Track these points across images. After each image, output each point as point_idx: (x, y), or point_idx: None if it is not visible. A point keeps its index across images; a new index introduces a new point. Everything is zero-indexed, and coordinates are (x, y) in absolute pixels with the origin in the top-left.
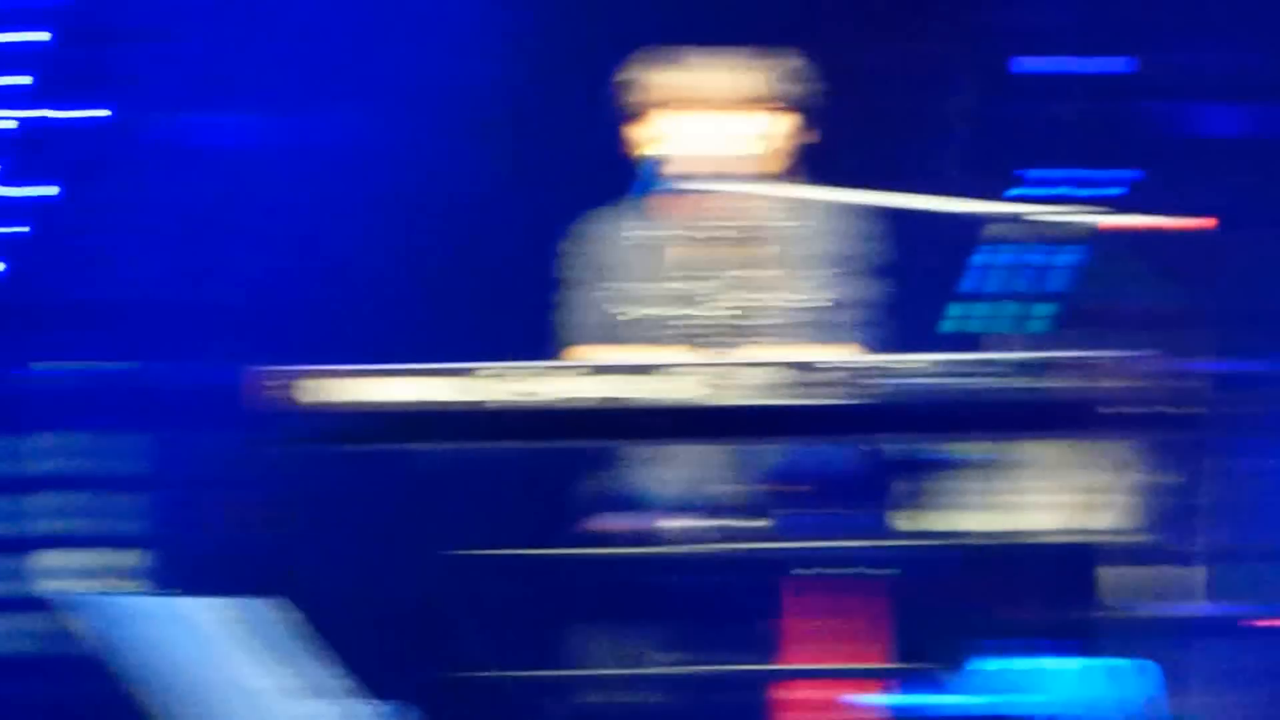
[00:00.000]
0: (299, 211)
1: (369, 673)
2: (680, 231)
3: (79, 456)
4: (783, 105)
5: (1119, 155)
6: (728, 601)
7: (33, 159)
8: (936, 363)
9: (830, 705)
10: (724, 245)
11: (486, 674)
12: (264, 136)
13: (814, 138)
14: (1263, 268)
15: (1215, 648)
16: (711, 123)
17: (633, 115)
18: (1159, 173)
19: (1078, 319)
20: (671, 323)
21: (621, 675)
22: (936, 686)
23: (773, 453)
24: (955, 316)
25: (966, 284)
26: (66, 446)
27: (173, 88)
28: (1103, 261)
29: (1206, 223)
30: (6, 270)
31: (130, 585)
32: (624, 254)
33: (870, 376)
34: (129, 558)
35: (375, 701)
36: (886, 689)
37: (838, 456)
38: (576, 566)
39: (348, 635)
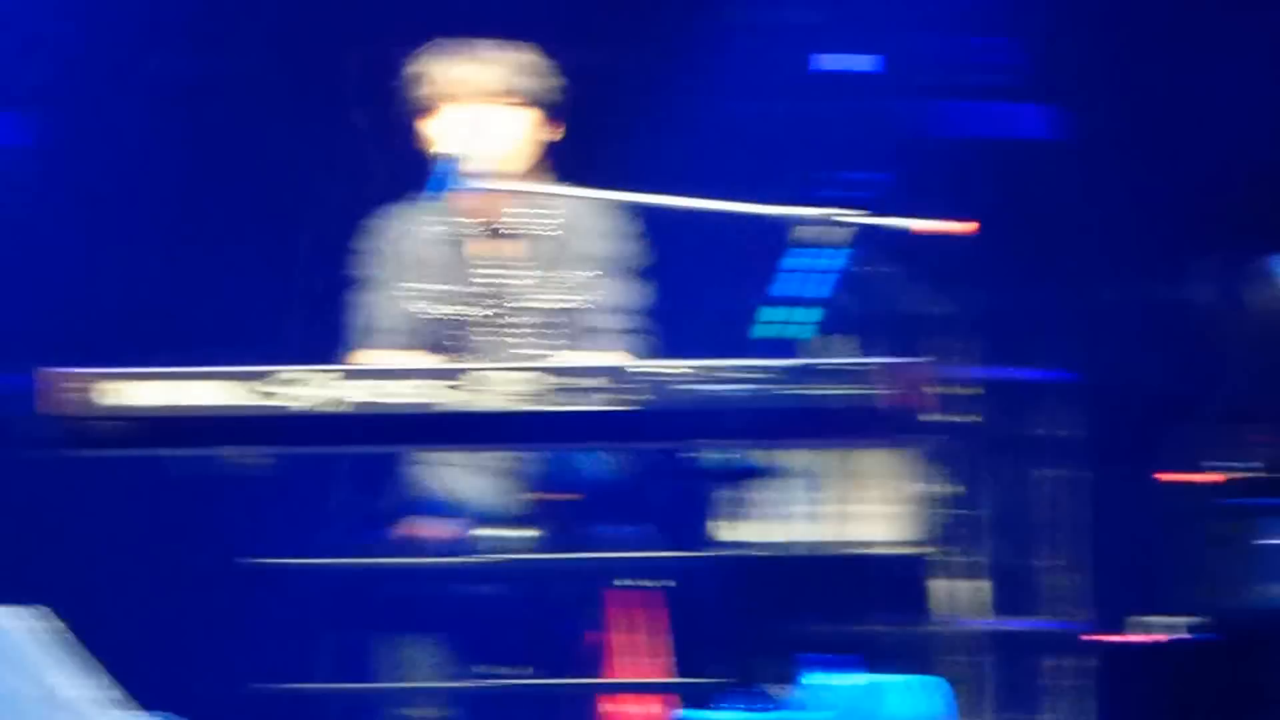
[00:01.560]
0: (82, 210)
1: (149, 683)
2: (467, 230)
3: None
4: (552, 102)
5: (876, 156)
6: (534, 612)
7: None
8: (701, 369)
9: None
10: (508, 244)
11: (284, 685)
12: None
13: (560, 135)
14: (1026, 273)
15: (1005, 663)
16: (490, 118)
17: (421, 110)
18: (916, 174)
19: (846, 324)
20: (460, 324)
21: (425, 688)
22: (734, 702)
23: (564, 459)
24: (765, 321)
25: (772, 288)
26: None
27: None
28: (868, 266)
29: (968, 227)
30: None
31: None
32: (415, 252)
33: (636, 382)
34: None
35: (150, 713)
36: (682, 704)
37: (615, 464)
38: (376, 576)
39: (126, 645)
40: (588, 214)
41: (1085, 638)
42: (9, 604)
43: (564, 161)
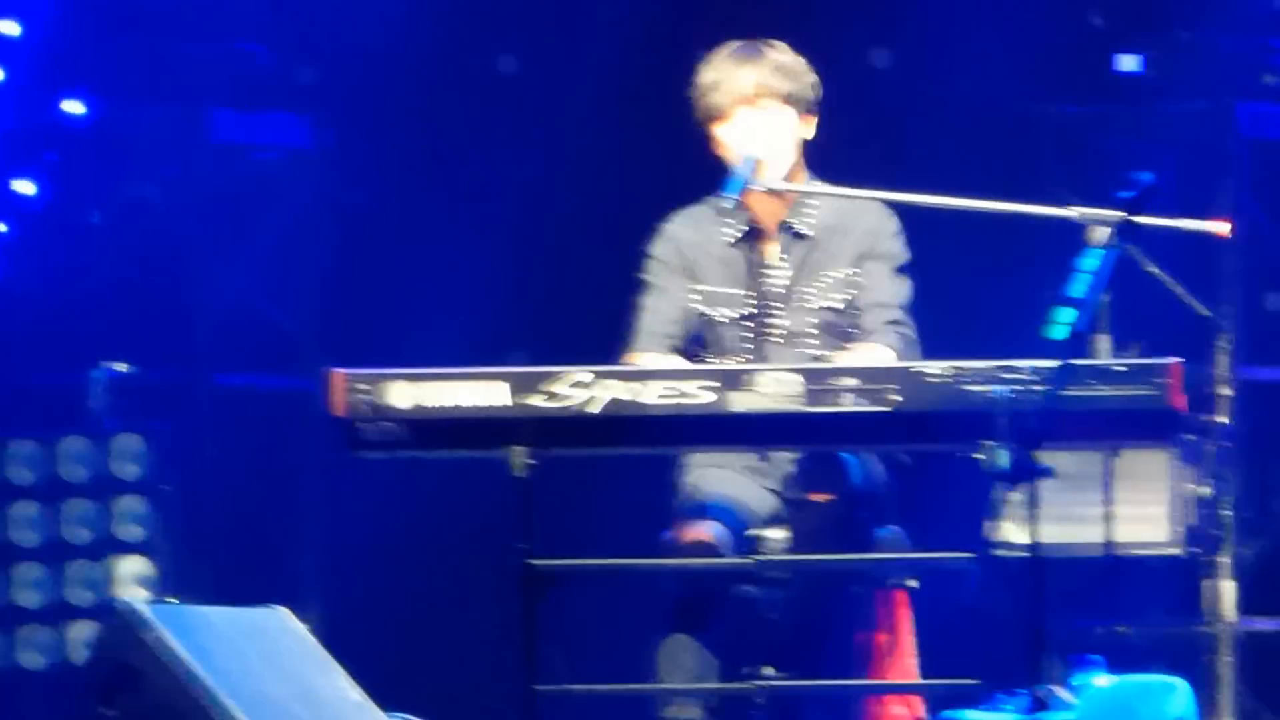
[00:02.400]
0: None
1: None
2: (751, 232)
3: None
4: (815, 100)
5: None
6: (805, 614)
7: None
8: (971, 370)
9: None
10: (787, 245)
11: (564, 688)
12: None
13: (813, 133)
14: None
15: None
16: (773, 119)
17: (711, 115)
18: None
19: (1114, 325)
20: (740, 325)
21: (696, 689)
22: (999, 702)
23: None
24: (1054, 322)
25: (1068, 289)
26: None
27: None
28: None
29: (1224, 227)
30: None
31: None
32: (700, 255)
33: (906, 382)
34: None
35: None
36: (947, 704)
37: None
38: (655, 578)
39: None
40: (860, 213)
41: None
42: (281, 605)
43: (826, 160)
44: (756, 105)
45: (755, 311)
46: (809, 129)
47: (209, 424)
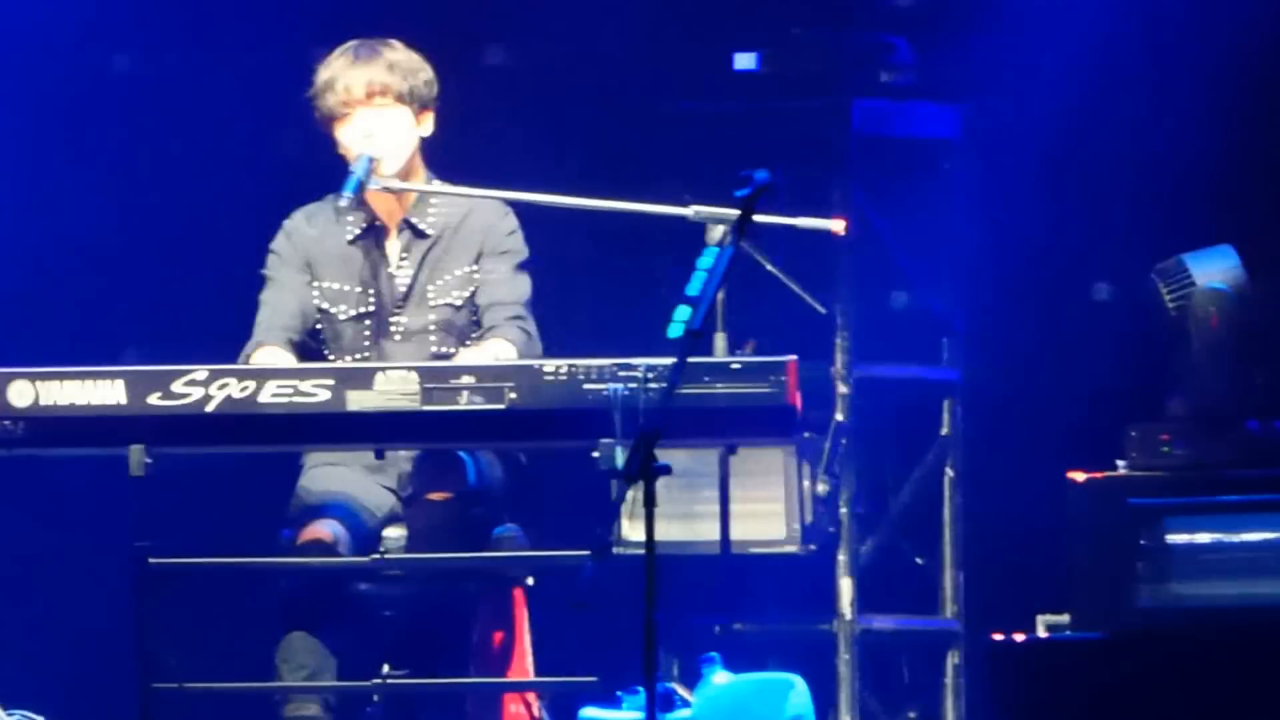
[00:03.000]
0: None
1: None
2: (368, 229)
3: None
4: (431, 99)
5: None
6: (423, 612)
7: None
8: (588, 367)
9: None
10: (405, 242)
11: (181, 685)
12: None
13: (431, 132)
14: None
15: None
16: (389, 118)
17: (329, 115)
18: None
19: (730, 322)
20: (374, 321)
21: (314, 687)
22: (626, 701)
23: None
24: (677, 320)
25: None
26: None
27: None
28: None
29: (839, 224)
30: None
31: None
32: (318, 251)
33: (524, 380)
34: None
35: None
36: (585, 702)
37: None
38: (273, 576)
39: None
40: (478, 211)
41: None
42: None
43: (446, 159)
44: (372, 105)
45: (374, 309)
46: (426, 127)
47: None
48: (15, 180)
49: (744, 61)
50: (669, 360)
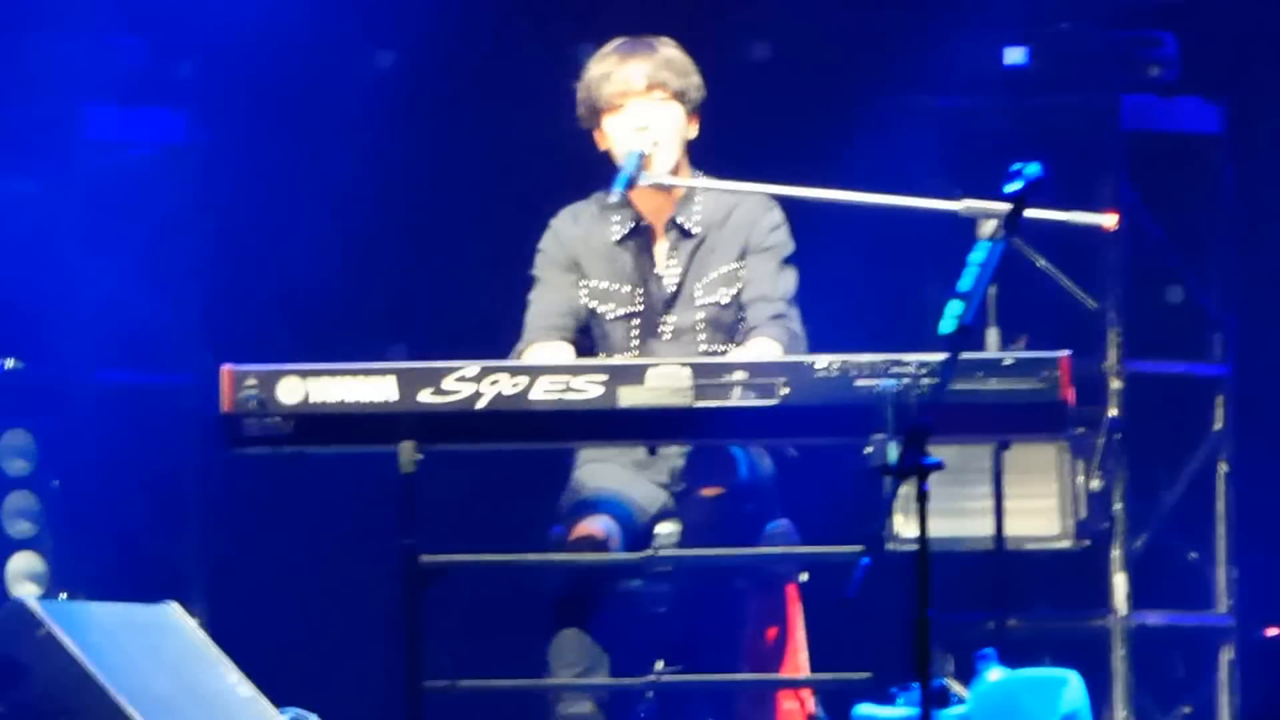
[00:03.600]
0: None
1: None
2: (637, 227)
3: None
4: (699, 97)
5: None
6: (695, 609)
7: None
8: (869, 364)
9: (810, 716)
10: (674, 240)
11: (459, 683)
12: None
13: (696, 131)
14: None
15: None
16: (658, 115)
17: (601, 107)
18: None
19: (1001, 318)
20: (642, 320)
21: (595, 685)
22: (901, 698)
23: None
24: (948, 315)
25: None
26: None
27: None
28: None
29: (1112, 220)
30: None
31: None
32: (596, 251)
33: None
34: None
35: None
36: (858, 699)
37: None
38: (544, 573)
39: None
40: (743, 207)
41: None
42: (170, 600)
43: (710, 156)
44: (649, 97)
45: (642, 309)
46: (693, 128)
47: (94, 420)
48: (289, 178)
49: (1014, 56)
50: (941, 356)
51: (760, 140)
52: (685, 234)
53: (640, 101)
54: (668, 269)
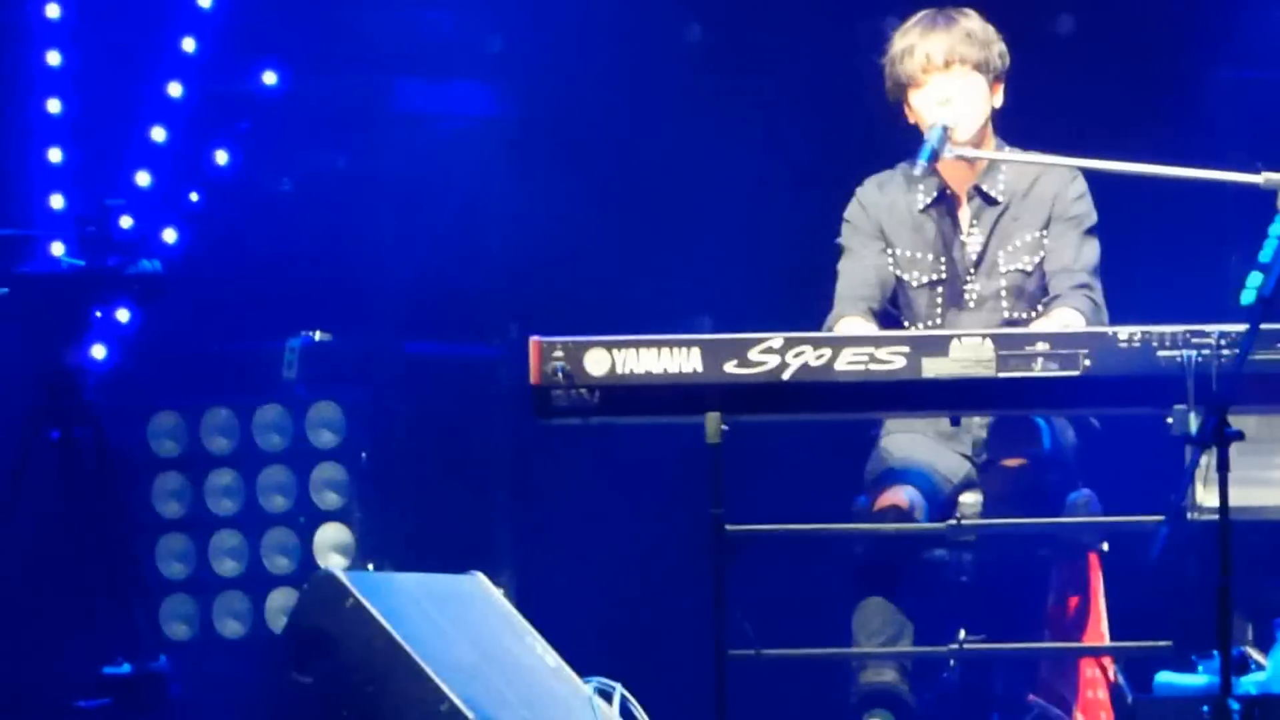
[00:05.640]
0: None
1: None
2: (944, 197)
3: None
4: (1004, 68)
5: None
6: (998, 578)
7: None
8: (1179, 333)
9: (1111, 684)
10: (980, 210)
11: (762, 652)
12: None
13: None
14: None
15: None
16: (966, 87)
17: (904, 81)
18: None
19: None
20: (947, 288)
21: (899, 653)
22: (1202, 666)
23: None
24: (1250, 287)
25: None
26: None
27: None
28: None
29: None
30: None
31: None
32: (902, 220)
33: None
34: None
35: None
36: (1159, 667)
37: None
38: (849, 542)
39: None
40: (1047, 176)
41: None
42: (477, 570)
43: (1013, 126)
44: (949, 72)
45: (946, 276)
46: (998, 97)
47: (402, 392)
48: (595, 150)
49: None
50: (1242, 326)
51: (1068, 112)
52: (989, 201)
53: (941, 76)
54: (971, 236)
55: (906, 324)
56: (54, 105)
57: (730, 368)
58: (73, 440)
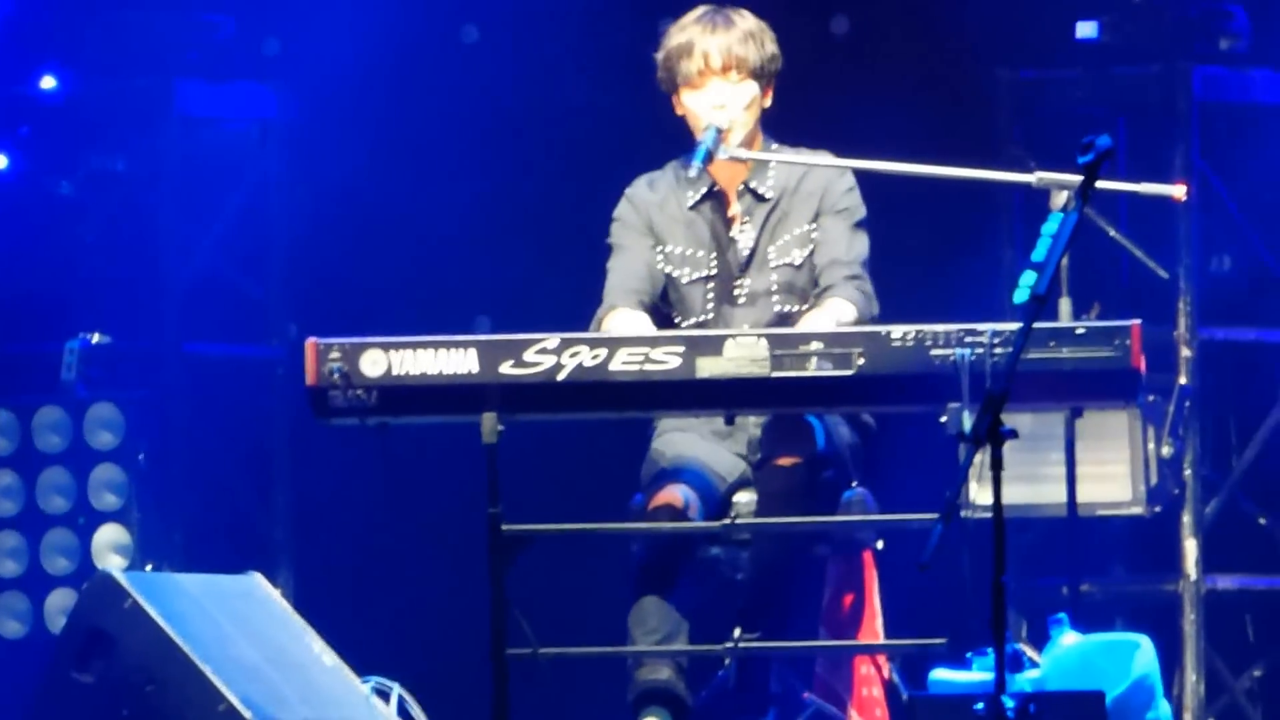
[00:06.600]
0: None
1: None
2: (713, 196)
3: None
4: (775, 70)
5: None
6: (773, 576)
7: None
8: (933, 333)
9: (886, 682)
10: (748, 208)
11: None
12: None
13: (769, 102)
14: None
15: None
16: (738, 89)
17: (679, 81)
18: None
19: (1073, 287)
20: (719, 284)
21: (675, 651)
22: (976, 663)
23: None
24: (1022, 285)
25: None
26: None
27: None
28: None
29: (1180, 190)
30: None
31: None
32: (673, 217)
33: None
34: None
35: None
36: (934, 664)
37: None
38: (625, 541)
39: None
40: (815, 170)
41: None
42: (254, 571)
43: (784, 124)
44: (725, 76)
45: (717, 272)
46: (768, 99)
47: (181, 393)
48: (372, 152)
49: (1085, 30)
50: (1014, 325)
51: (838, 110)
52: (759, 198)
53: (718, 80)
54: (742, 233)
55: (679, 320)
56: None
57: (506, 368)
58: None
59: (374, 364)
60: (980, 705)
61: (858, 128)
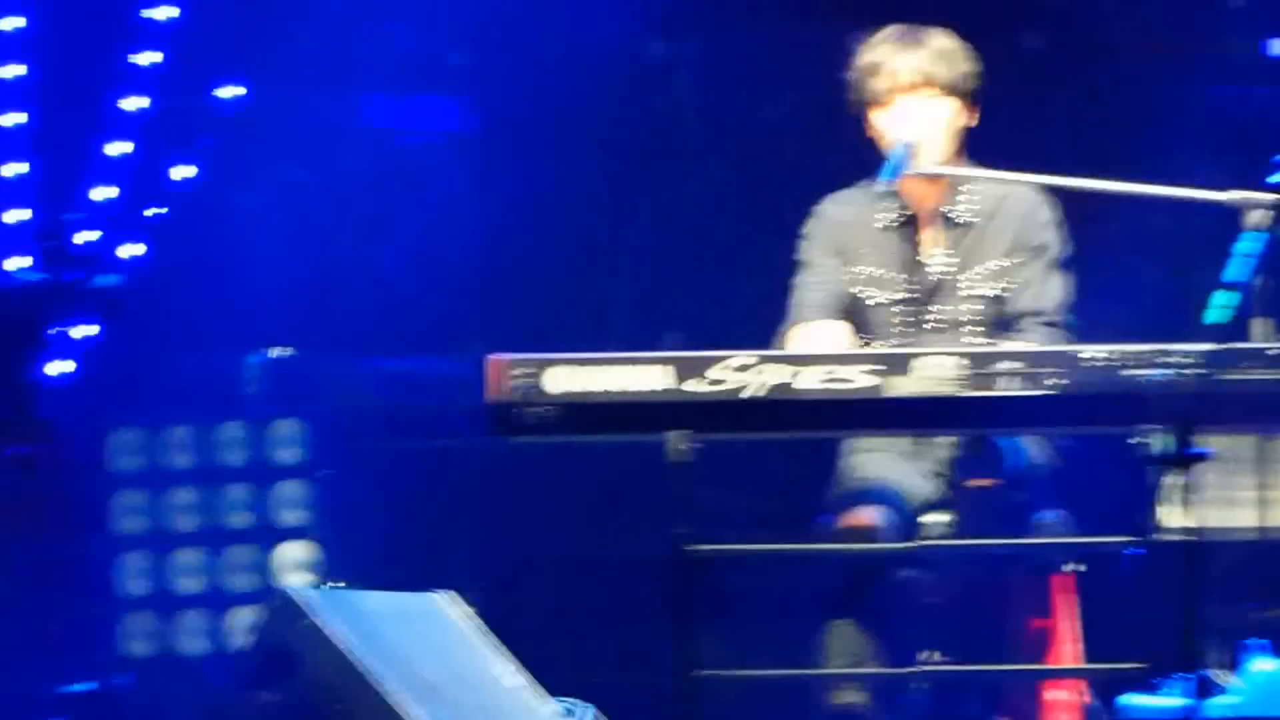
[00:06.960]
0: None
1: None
2: (906, 217)
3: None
4: (976, 88)
5: None
6: (968, 599)
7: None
8: (1125, 354)
9: (1081, 706)
10: (943, 231)
11: (724, 673)
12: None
13: (976, 120)
14: None
15: None
16: (933, 106)
17: (870, 100)
18: None
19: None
20: (908, 309)
21: (865, 674)
22: (1173, 687)
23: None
24: (1217, 306)
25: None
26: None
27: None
28: None
29: None
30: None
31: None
32: (854, 237)
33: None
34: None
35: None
36: (1121, 688)
37: (1072, 450)
38: (818, 563)
39: (549, 632)
40: (1016, 200)
41: None
42: (437, 589)
43: (983, 145)
44: (917, 94)
45: (907, 297)
46: (970, 117)
47: (367, 408)
48: (563, 167)
49: (1278, 47)
50: (1208, 346)
51: (1037, 131)
52: (953, 224)
53: (908, 97)
54: (933, 259)
55: (867, 343)
56: (13, 119)
57: (693, 385)
58: (30, 457)
59: (559, 381)
60: None
61: (1055, 146)
